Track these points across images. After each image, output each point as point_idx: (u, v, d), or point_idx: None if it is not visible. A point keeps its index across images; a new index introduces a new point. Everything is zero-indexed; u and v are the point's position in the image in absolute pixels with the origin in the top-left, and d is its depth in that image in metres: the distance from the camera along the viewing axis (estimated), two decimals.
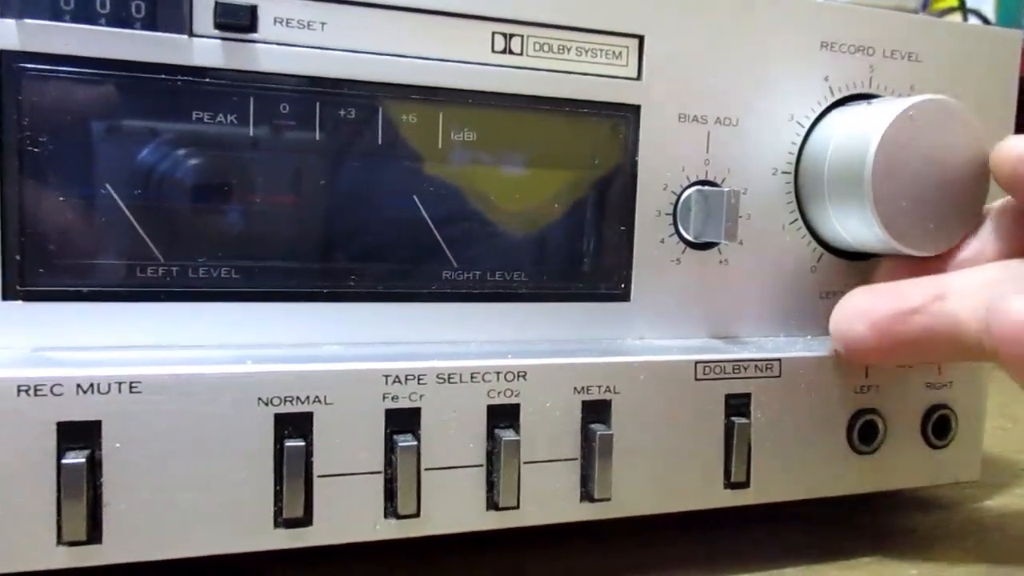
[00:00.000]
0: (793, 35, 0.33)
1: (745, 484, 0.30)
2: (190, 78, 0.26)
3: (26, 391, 0.23)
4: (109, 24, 0.26)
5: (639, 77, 0.31)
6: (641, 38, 0.31)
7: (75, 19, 0.25)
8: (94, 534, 0.24)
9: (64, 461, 0.23)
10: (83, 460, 0.23)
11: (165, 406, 0.24)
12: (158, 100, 0.26)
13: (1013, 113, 0.36)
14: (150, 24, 0.26)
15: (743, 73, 0.32)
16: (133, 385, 0.24)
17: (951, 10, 0.89)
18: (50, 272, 0.26)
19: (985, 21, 0.93)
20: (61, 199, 0.26)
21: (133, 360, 0.25)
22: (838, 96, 0.33)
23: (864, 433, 0.32)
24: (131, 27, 0.26)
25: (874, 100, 0.33)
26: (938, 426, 0.33)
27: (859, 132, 0.31)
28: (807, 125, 0.33)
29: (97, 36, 0.25)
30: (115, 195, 0.26)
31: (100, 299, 0.26)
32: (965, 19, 0.89)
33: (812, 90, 0.33)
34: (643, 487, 0.29)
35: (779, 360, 0.31)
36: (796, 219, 0.33)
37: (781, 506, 0.32)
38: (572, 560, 0.31)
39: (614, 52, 0.31)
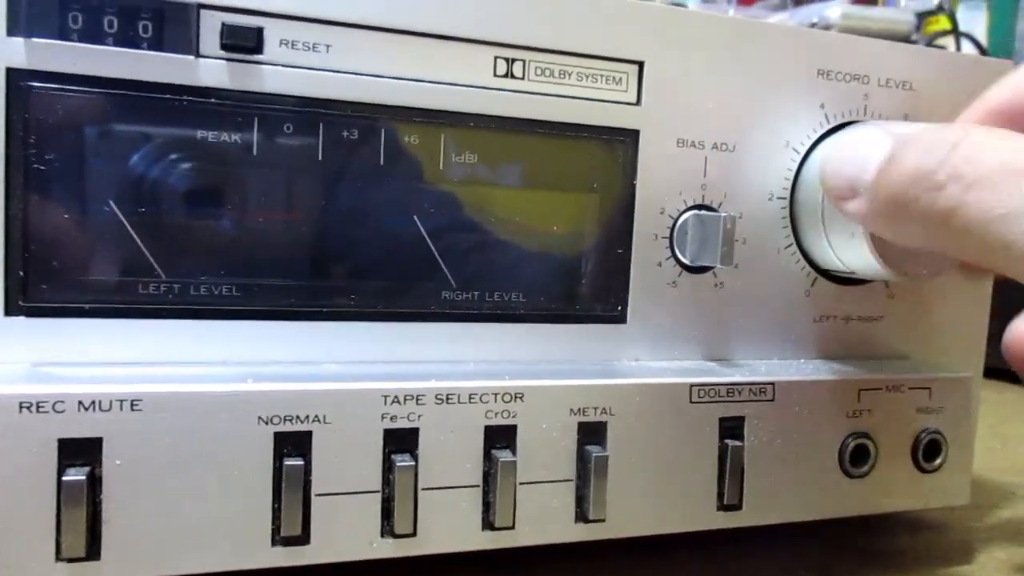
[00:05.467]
0: (790, 63, 0.33)
1: (738, 506, 0.31)
2: (196, 98, 0.27)
3: (28, 407, 0.23)
4: (116, 44, 0.26)
5: (639, 102, 0.31)
6: (641, 64, 0.31)
7: (82, 38, 0.26)
8: (93, 551, 0.24)
9: (65, 478, 0.24)
10: (83, 477, 0.24)
11: (166, 424, 0.24)
12: (163, 119, 0.27)
13: None
14: (157, 44, 0.26)
15: (741, 100, 0.33)
16: (135, 403, 0.24)
17: (943, 33, 0.90)
18: (52, 288, 0.26)
19: (976, 44, 0.94)
20: (65, 216, 0.26)
21: (134, 377, 0.25)
22: (834, 123, 0.34)
23: (856, 456, 0.33)
24: (138, 47, 0.26)
25: None
26: (928, 450, 0.34)
27: None
28: (803, 151, 0.33)
29: (104, 56, 0.26)
30: (118, 212, 0.27)
31: (102, 315, 0.27)
32: (957, 42, 0.90)
33: (808, 117, 0.33)
34: (637, 508, 0.29)
35: (773, 384, 0.31)
36: (791, 244, 0.34)
37: (773, 527, 0.32)
38: None
39: (614, 77, 0.31)
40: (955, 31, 0.92)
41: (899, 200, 0.25)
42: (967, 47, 0.93)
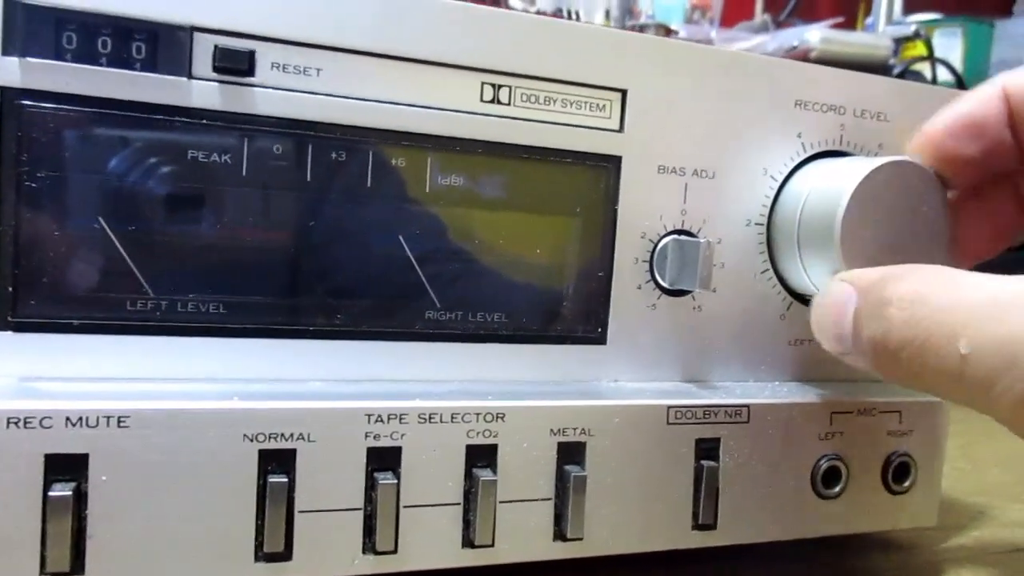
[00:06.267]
0: (769, 93, 0.34)
1: (712, 526, 0.31)
2: (187, 119, 0.27)
3: (15, 423, 0.24)
4: (110, 64, 0.26)
5: (621, 129, 0.32)
6: (624, 92, 0.32)
7: (76, 59, 0.26)
8: (77, 566, 0.24)
9: (50, 493, 0.24)
10: (69, 492, 0.24)
11: (152, 440, 0.25)
12: (155, 139, 0.27)
13: None
14: (150, 66, 0.27)
15: (721, 128, 0.33)
16: (121, 419, 0.24)
17: (920, 59, 0.92)
18: (41, 303, 0.26)
19: (952, 70, 0.96)
20: (54, 232, 0.26)
21: (121, 393, 0.25)
22: (810, 152, 0.35)
23: (828, 478, 0.33)
24: (131, 68, 0.26)
25: (845, 158, 0.34)
26: (898, 472, 0.35)
27: (830, 188, 0.32)
28: (780, 179, 0.34)
29: (98, 76, 0.26)
30: (107, 229, 0.27)
31: (90, 331, 0.27)
32: (933, 68, 0.92)
33: (786, 146, 0.34)
34: (614, 527, 0.30)
35: (748, 406, 0.32)
36: (767, 269, 0.35)
37: (748, 546, 0.33)
38: None
39: (598, 104, 0.32)
40: (931, 57, 0.94)
41: (878, 366, 0.26)
42: (943, 73, 0.95)
